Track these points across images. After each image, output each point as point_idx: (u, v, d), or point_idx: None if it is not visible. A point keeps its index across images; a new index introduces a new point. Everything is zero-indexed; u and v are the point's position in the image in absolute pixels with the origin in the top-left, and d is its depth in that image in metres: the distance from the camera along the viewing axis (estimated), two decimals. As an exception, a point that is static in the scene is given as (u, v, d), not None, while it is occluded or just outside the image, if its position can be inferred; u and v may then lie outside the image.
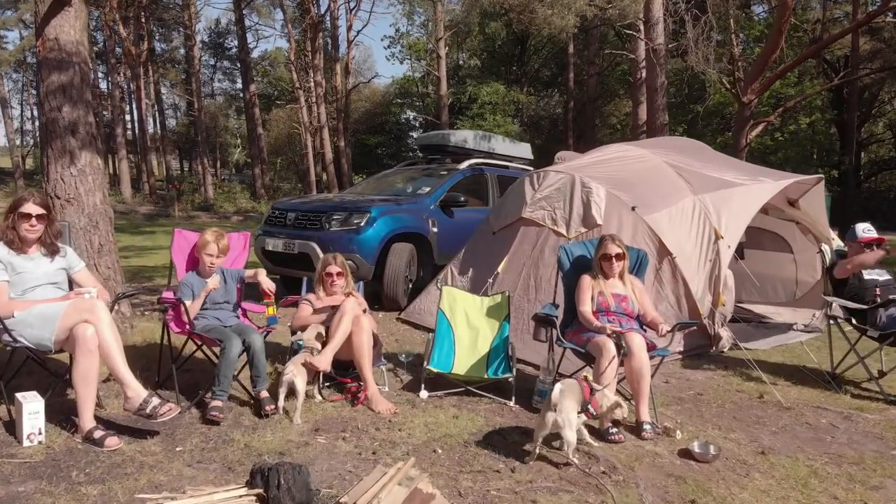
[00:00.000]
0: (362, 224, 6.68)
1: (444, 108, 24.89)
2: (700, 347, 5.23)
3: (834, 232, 6.54)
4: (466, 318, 4.60)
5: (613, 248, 4.01)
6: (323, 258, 4.45)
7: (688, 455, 3.27)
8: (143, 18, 29.62)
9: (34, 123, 41.89)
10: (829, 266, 5.00)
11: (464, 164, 8.20)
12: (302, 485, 2.48)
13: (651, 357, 3.68)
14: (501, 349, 4.39)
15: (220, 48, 42.41)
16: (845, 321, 4.82)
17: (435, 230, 7.27)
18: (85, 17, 5.56)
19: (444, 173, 8.04)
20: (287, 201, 8.32)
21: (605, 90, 28.64)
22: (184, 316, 3.84)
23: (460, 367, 4.32)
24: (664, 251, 5.11)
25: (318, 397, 3.94)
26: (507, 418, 3.76)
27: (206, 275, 4.00)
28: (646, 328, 3.96)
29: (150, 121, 36.42)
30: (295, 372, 3.61)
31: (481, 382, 4.17)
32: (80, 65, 5.36)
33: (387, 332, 5.84)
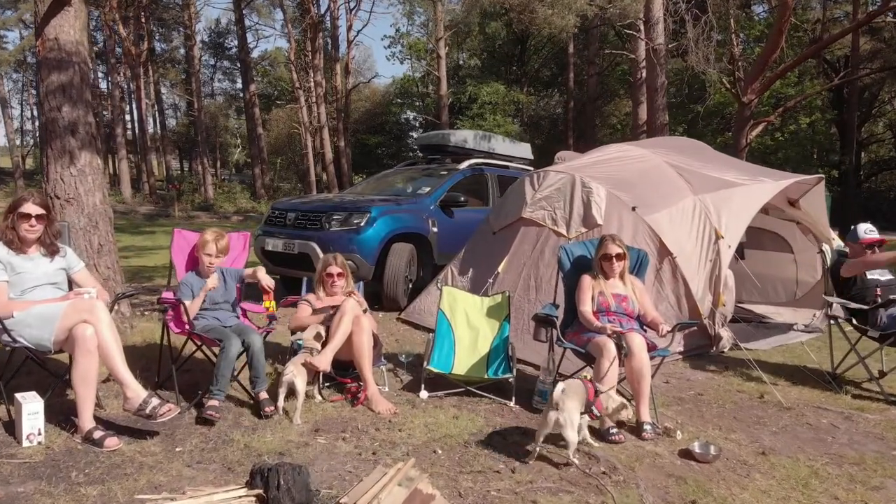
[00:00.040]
0: (362, 224, 6.68)
1: (444, 108, 24.89)
2: (700, 348, 5.22)
3: (834, 232, 6.53)
4: (466, 319, 4.59)
5: (614, 248, 4.00)
6: (323, 258, 4.45)
7: (688, 455, 3.27)
8: (143, 18, 29.63)
9: (34, 123, 41.91)
10: (831, 266, 4.99)
11: (464, 164, 8.20)
12: (302, 485, 2.47)
13: (651, 357, 3.67)
14: (501, 349, 4.38)
15: (220, 48, 42.41)
16: (846, 321, 4.82)
17: (435, 230, 7.27)
18: (85, 17, 5.56)
19: (444, 173, 8.04)
20: (287, 201, 8.33)
21: (606, 90, 28.66)
22: (183, 316, 3.83)
23: (460, 367, 4.31)
24: (664, 251, 5.11)
25: (318, 397, 3.94)
26: (508, 419, 3.76)
27: (205, 275, 3.99)
28: (646, 328, 3.95)
29: (150, 121, 36.47)
30: (295, 372, 3.60)
31: (481, 383, 4.16)
32: (79, 65, 5.36)
33: (387, 332, 5.83)
